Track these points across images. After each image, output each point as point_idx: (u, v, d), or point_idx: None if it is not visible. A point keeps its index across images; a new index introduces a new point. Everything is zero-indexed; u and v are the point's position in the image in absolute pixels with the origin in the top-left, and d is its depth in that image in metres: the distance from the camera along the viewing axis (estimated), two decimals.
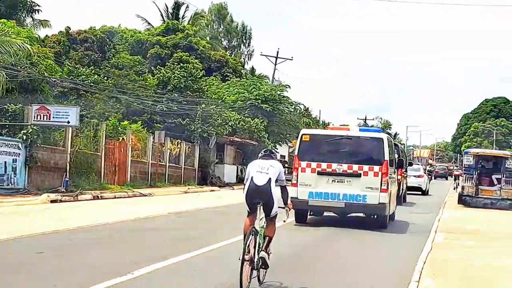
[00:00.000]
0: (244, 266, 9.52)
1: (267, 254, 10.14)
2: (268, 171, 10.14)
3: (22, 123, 28.29)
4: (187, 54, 57.10)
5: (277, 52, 64.71)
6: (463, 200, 33.12)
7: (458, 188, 62.27)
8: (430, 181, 52.86)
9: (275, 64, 64.09)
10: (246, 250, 9.56)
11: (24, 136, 27.51)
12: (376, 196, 18.89)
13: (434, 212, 27.74)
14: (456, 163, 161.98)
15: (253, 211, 10.19)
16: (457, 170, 79.22)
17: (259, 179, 10.06)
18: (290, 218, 18.46)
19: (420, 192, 44.42)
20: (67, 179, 29.10)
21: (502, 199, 32.49)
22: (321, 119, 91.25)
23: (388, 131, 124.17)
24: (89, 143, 32.90)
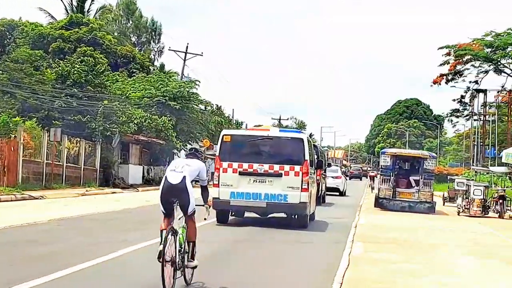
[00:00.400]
0: (166, 267, 9.22)
1: (193, 260, 10.15)
2: (183, 169, 9.87)
3: None
4: (91, 48, 54.07)
5: (186, 47, 62.01)
6: (380, 203, 31.23)
7: (374, 189, 63.52)
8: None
9: (184, 60, 61.34)
10: (164, 251, 9.20)
11: None
12: (297, 195, 19.17)
13: (350, 217, 25.89)
14: (369, 163, 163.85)
15: (168, 213, 9.88)
16: (372, 171, 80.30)
17: (173, 177, 9.79)
18: (212, 218, 17.47)
19: (338, 193, 44.55)
20: None
21: (420, 202, 30.71)
22: (234, 118, 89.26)
23: (303, 131, 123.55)
24: None
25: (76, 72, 43.32)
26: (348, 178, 71.67)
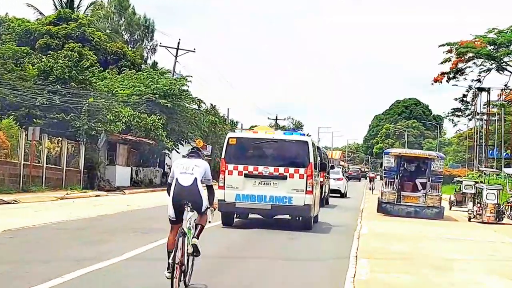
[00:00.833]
0: (176, 269, 9.32)
1: (197, 240, 9.89)
2: (193, 171, 9.88)
3: None
4: (79, 45, 51.70)
5: (178, 43, 59.55)
6: (383, 208, 28.69)
7: (374, 190, 60.57)
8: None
9: (175, 56, 58.81)
10: (172, 265, 9.33)
11: None
12: (302, 198, 19.43)
13: (352, 223, 23.74)
14: (367, 164, 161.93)
15: (178, 220, 9.84)
16: (372, 173, 78.76)
17: (185, 180, 9.77)
18: (217, 221, 17.38)
19: (339, 195, 44.16)
20: None
21: (427, 207, 28.15)
22: (229, 118, 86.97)
23: (300, 131, 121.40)
24: None
25: (59, 67, 40.83)
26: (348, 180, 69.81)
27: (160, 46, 61.41)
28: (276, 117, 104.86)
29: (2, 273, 11.03)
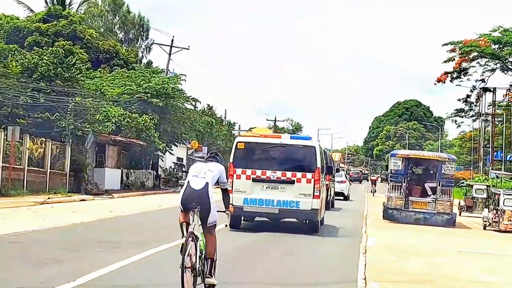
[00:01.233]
0: (185, 273, 9.05)
1: (211, 277, 9.74)
2: (205, 175, 9.75)
3: None
4: (70, 43, 49.68)
5: (171, 40, 57.23)
6: (390, 215, 26.44)
7: (375, 193, 59.95)
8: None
9: (169, 54, 56.50)
10: (186, 253, 9.06)
11: None
12: (309, 202, 19.62)
13: (357, 230, 21.83)
14: (367, 166, 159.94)
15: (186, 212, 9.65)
16: (373, 175, 77.44)
17: (196, 183, 9.66)
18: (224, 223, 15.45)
19: (342, 197, 44.06)
20: None
21: (438, 214, 25.87)
22: (226, 119, 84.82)
23: (298, 133, 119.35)
24: None
25: (44, 64, 38.52)
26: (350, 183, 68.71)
27: (154, 44, 59.04)
28: (275, 118, 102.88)
29: None
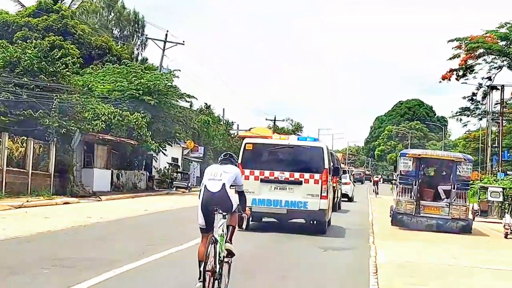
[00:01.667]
0: (207, 278, 9.18)
1: (231, 245, 9.89)
2: (221, 177, 9.70)
3: None
4: (60, 38, 47.46)
5: (165, 35, 54.78)
6: (399, 221, 23.99)
7: (378, 194, 59.24)
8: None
9: (163, 50, 54.07)
10: (203, 274, 9.11)
11: None
12: (317, 202, 19.83)
13: (364, 239, 19.56)
14: (368, 167, 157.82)
15: (208, 227, 9.56)
16: (375, 176, 75.96)
17: (213, 186, 9.60)
18: None
19: (346, 199, 43.93)
20: None
21: (452, 219, 23.41)
22: (224, 118, 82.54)
23: (299, 133, 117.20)
24: None
25: (27, 58, 36.13)
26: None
27: (147, 38, 56.65)
28: (275, 118, 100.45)
29: None
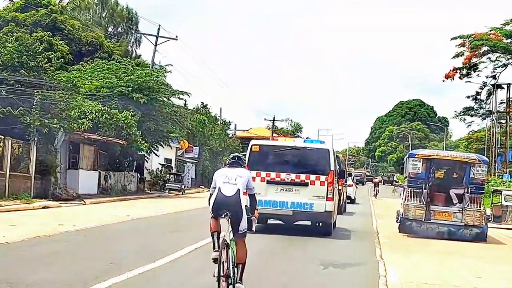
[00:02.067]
0: (221, 283, 9.17)
1: (241, 283, 9.68)
2: (236, 181, 9.69)
3: None
4: (49, 34, 45.42)
5: (157, 29, 52.58)
6: (408, 227, 21.91)
7: (378, 194, 59.89)
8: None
9: (155, 45, 51.80)
10: (216, 245, 9.32)
11: None
12: (323, 204, 19.98)
13: (371, 256, 16.84)
14: (368, 168, 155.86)
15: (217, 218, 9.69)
16: (376, 178, 75.37)
17: (227, 189, 9.59)
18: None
19: (349, 200, 43.27)
20: None
21: (465, 226, 21.27)
22: (221, 117, 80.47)
23: (298, 134, 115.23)
24: None
25: (7, 52, 33.94)
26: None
27: (138, 33, 54.61)
28: (273, 118, 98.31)
29: None
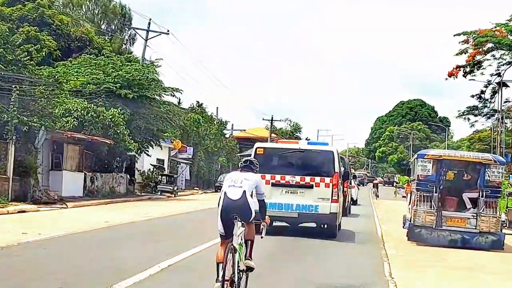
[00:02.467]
0: (225, 286, 9.21)
1: (251, 259, 9.93)
2: (242, 184, 9.60)
3: None
4: (35, 28, 43.41)
5: (148, 23, 50.35)
6: (417, 235, 19.90)
7: (379, 197, 59.76)
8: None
9: (146, 40, 49.61)
10: (220, 276, 9.13)
11: None
12: (328, 206, 20.10)
13: (376, 276, 14.58)
14: (368, 169, 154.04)
15: (228, 235, 9.51)
16: (376, 179, 74.25)
17: (233, 193, 9.52)
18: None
19: (351, 202, 42.70)
20: None
21: (480, 233, 19.18)
22: (218, 117, 78.39)
23: (297, 134, 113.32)
24: None
25: None
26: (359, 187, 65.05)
27: (128, 28, 52.52)
28: (272, 118, 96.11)
29: None
